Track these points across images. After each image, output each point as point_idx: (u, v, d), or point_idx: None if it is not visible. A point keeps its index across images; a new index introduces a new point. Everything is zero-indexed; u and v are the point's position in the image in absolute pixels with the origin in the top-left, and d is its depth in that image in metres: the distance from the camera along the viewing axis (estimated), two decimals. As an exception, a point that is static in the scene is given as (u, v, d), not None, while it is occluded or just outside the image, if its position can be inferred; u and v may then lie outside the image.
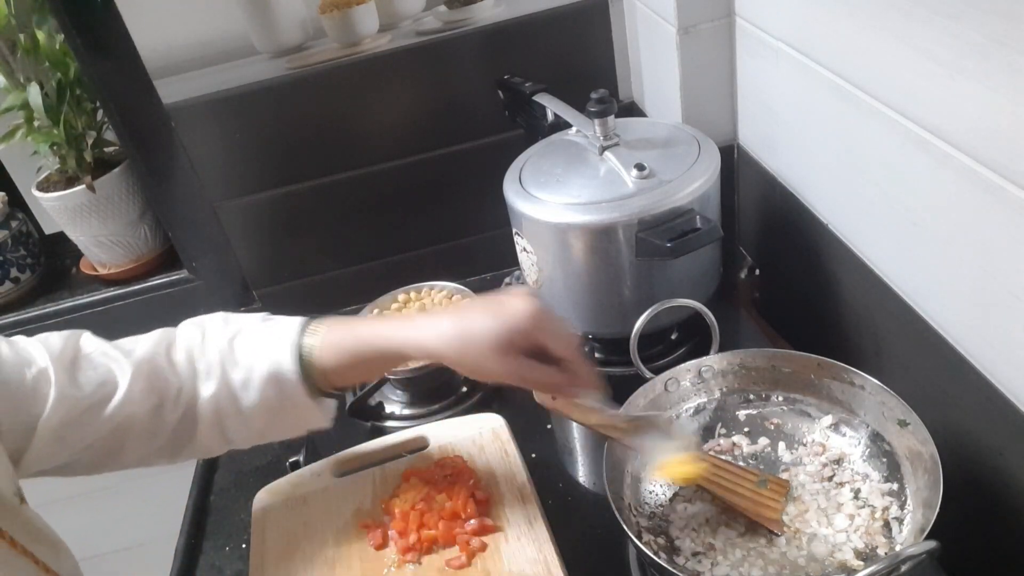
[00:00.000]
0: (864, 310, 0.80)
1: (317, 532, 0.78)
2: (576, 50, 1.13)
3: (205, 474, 0.98)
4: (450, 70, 1.11)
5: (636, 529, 0.68)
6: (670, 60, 0.96)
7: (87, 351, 0.65)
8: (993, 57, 0.52)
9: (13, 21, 1.08)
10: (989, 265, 0.58)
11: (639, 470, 0.76)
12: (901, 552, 0.56)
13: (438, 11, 1.07)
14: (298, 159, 1.14)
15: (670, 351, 0.95)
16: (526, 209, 0.88)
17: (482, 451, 0.83)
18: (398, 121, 1.14)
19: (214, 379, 0.67)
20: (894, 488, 0.69)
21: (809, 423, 0.77)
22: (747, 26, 0.89)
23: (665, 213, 0.82)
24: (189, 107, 1.06)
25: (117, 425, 0.64)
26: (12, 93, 1.12)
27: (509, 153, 0.97)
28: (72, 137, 1.16)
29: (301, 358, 0.66)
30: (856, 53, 0.69)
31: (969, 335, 0.63)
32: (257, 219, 1.18)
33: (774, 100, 0.87)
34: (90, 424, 0.63)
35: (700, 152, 0.87)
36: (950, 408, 0.67)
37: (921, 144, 0.62)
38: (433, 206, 1.21)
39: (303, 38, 1.05)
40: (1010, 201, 0.54)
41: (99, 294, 1.24)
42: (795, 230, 0.89)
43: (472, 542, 0.73)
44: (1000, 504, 0.64)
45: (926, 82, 0.59)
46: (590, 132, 0.90)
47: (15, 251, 1.26)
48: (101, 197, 1.17)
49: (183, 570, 0.86)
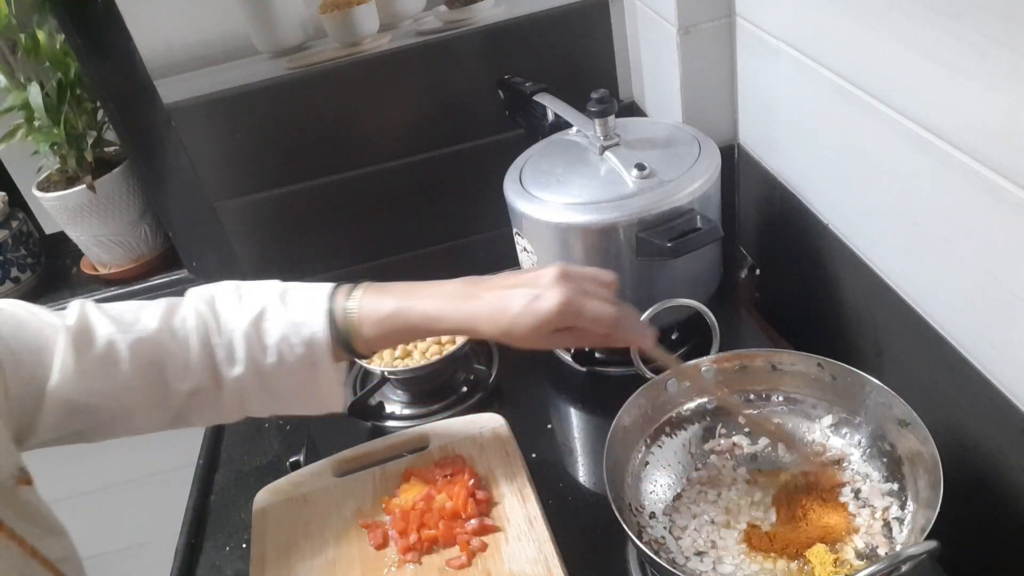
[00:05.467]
0: (864, 310, 0.80)
1: (317, 532, 0.78)
2: (576, 50, 1.13)
3: (205, 474, 0.98)
4: (450, 70, 1.11)
5: (636, 529, 0.68)
6: (670, 60, 0.96)
7: (92, 321, 0.65)
8: (993, 57, 0.52)
9: (14, 21, 1.08)
10: (990, 265, 0.58)
11: (639, 469, 0.76)
12: (901, 552, 0.56)
13: (438, 11, 1.07)
14: (298, 159, 1.14)
15: (670, 351, 0.94)
16: (526, 209, 0.88)
17: (482, 451, 0.83)
18: (398, 121, 1.14)
19: (240, 363, 0.67)
20: (894, 488, 0.69)
21: (809, 423, 0.77)
22: (747, 26, 0.89)
23: (665, 213, 0.82)
24: (189, 107, 1.06)
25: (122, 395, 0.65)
26: (12, 93, 1.12)
27: (509, 153, 0.97)
28: (72, 137, 1.16)
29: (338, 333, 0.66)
30: (856, 53, 0.69)
31: (969, 335, 0.63)
32: (257, 219, 1.18)
33: (774, 100, 0.87)
34: (96, 393, 0.64)
35: (700, 152, 0.87)
36: (950, 408, 0.67)
37: (922, 144, 0.62)
38: (433, 206, 1.21)
39: (303, 38, 1.05)
40: (1010, 201, 0.54)
41: (99, 294, 1.25)
42: (795, 230, 0.89)
43: (472, 542, 0.73)
44: (1000, 504, 0.64)
45: (926, 82, 0.59)
46: (590, 132, 0.90)
47: (15, 251, 1.26)
48: (101, 197, 1.17)
49: (183, 570, 0.86)
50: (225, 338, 0.67)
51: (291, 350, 0.66)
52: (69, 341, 0.63)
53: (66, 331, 0.63)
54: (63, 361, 0.62)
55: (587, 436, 0.91)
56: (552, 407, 0.97)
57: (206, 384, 0.67)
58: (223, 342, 0.67)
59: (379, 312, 0.67)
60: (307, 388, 0.69)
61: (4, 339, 0.61)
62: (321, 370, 0.68)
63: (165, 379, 0.66)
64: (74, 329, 0.64)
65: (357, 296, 0.68)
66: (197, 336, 0.67)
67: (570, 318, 0.63)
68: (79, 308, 0.66)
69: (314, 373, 0.68)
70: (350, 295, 0.68)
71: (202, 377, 0.67)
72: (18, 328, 0.62)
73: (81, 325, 0.64)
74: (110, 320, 0.66)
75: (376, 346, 0.69)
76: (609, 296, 0.66)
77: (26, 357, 0.61)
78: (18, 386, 0.60)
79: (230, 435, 1.04)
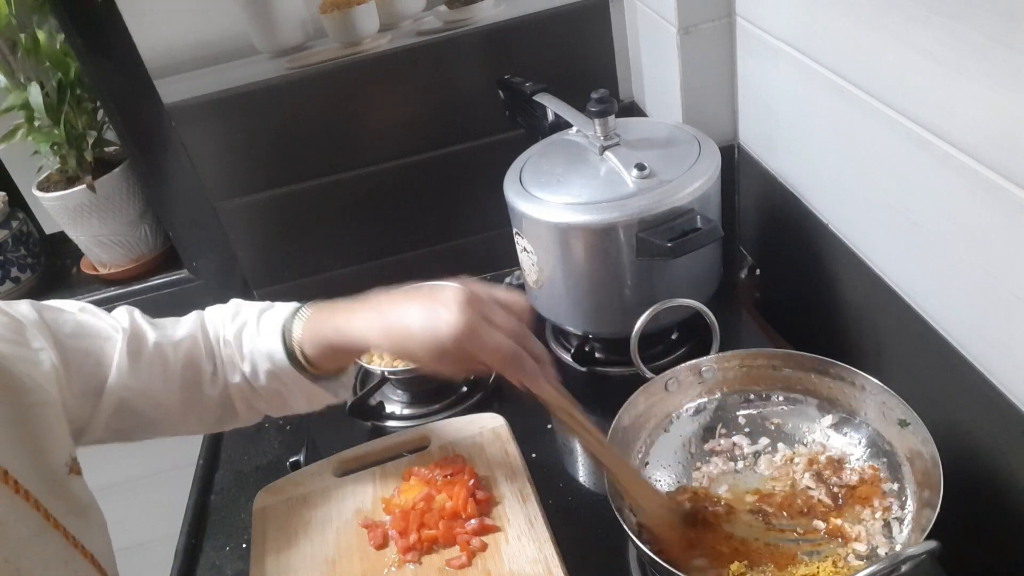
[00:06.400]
0: (864, 310, 0.80)
1: (317, 532, 0.78)
2: (576, 50, 1.13)
3: (205, 474, 0.99)
4: (450, 70, 1.11)
5: (636, 529, 0.68)
6: (670, 60, 0.96)
7: (142, 326, 0.70)
8: (993, 57, 0.52)
9: (14, 21, 1.08)
10: (989, 265, 0.58)
11: (639, 469, 0.76)
12: (901, 552, 0.56)
13: (438, 11, 1.07)
14: (298, 159, 1.14)
15: (670, 351, 0.95)
16: (526, 209, 0.88)
17: (482, 451, 0.83)
18: (398, 121, 1.14)
19: (236, 372, 0.72)
20: (894, 488, 0.69)
21: (809, 423, 0.77)
22: (747, 26, 0.89)
23: (665, 213, 0.82)
24: (189, 107, 1.06)
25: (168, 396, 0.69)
26: (13, 93, 1.12)
27: (509, 153, 0.97)
28: (72, 137, 1.16)
29: (290, 348, 0.69)
30: (856, 53, 0.69)
31: (969, 335, 0.63)
32: (257, 219, 1.18)
33: (774, 100, 0.87)
34: (146, 394, 0.68)
35: (700, 152, 0.87)
36: (950, 408, 0.67)
37: (921, 144, 0.62)
38: (433, 206, 1.21)
39: (303, 38, 1.05)
40: (1010, 201, 0.54)
41: (99, 294, 1.24)
42: (795, 230, 0.89)
43: (472, 542, 0.73)
44: (1000, 504, 0.64)
45: (926, 82, 0.59)
46: (590, 132, 0.90)
47: (15, 251, 1.26)
48: (101, 197, 1.17)
49: (183, 570, 0.86)
50: (227, 349, 0.72)
51: (262, 363, 0.71)
52: (125, 343, 0.67)
53: (123, 333, 0.67)
54: (119, 362, 0.66)
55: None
56: (552, 407, 0.97)
57: (225, 390, 0.72)
58: (227, 352, 0.72)
59: (314, 332, 0.69)
60: (287, 394, 0.72)
61: (67, 337, 0.64)
62: (289, 380, 0.71)
63: (201, 386, 0.71)
64: (129, 333, 0.68)
65: (304, 316, 0.70)
66: (216, 346, 0.72)
67: (466, 345, 0.60)
68: (129, 313, 0.70)
69: (285, 382, 0.71)
70: (297, 316, 0.71)
71: (222, 384, 0.72)
72: (79, 328, 0.66)
73: (134, 330, 0.68)
74: (153, 327, 0.71)
75: (322, 364, 0.70)
76: (514, 326, 0.63)
77: (86, 356, 0.65)
78: (79, 382, 0.64)
79: (230, 435, 1.04)
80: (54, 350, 0.62)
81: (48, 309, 0.65)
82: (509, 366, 0.63)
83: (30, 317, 0.62)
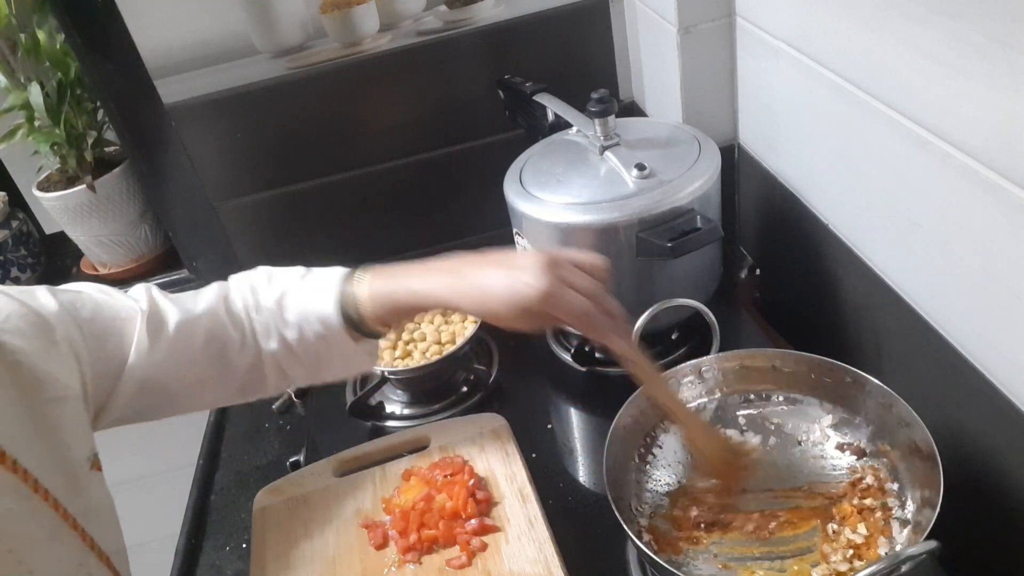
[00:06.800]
0: (864, 310, 0.80)
1: (317, 532, 0.78)
2: (576, 50, 1.13)
3: (205, 474, 0.99)
4: (450, 70, 1.11)
5: (636, 529, 0.68)
6: (670, 60, 0.96)
7: (161, 304, 0.70)
8: (993, 57, 0.52)
9: (14, 21, 1.08)
10: (989, 265, 0.58)
11: (640, 469, 0.76)
12: (901, 552, 0.56)
13: (438, 11, 1.07)
14: (298, 159, 1.14)
15: (670, 351, 0.95)
16: (526, 209, 0.88)
17: (482, 451, 0.83)
18: (398, 121, 1.14)
19: (273, 338, 0.72)
20: (894, 488, 0.69)
21: (809, 423, 0.77)
22: (747, 26, 0.89)
23: (665, 213, 0.82)
24: (189, 107, 1.06)
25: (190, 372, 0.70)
26: (13, 93, 1.12)
27: (509, 153, 0.97)
28: (72, 137, 1.16)
29: (346, 310, 0.70)
30: (856, 53, 0.69)
31: (969, 335, 0.63)
32: (257, 219, 1.18)
33: (774, 100, 0.87)
34: (167, 372, 0.68)
35: (700, 152, 0.87)
36: (950, 408, 0.67)
37: (921, 144, 0.62)
38: (433, 206, 1.21)
39: (303, 38, 1.05)
40: (1010, 201, 0.54)
41: (99, 294, 1.24)
42: (795, 230, 0.89)
43: (472, 542, 0.73)
44: (1000, 504, 0.64)
45: (926, 82, 0.59)
46: (590, 132, 0.90)
47: (15, 251, 1.26)
48: (101, 197, 1.17)
49: (183, 570, 0.86)
50: (262, 316, 0.72)
51: (309, 327, 0.71)
52: (144, 323, 0.67)
53: (142, 313, 0.67)
54: (139, 341, 0.66)
55: (587, 436, 0.91)
56: (552, 407, 0.97)
57: (256, 358, 0.72)
58: (261, 319, 0.72)
59: (380, 294, 0.70)
60: (329, 358, 0.73)
61: (86, 321, 0.64)
62: (335, 342, 0.72)
63: (227, 357, 0.71)
64: (148, 312, 0.68)
65: (363, 278, 0.72)
66: (245, 315, 0.72)
67: (549, 308, 0.64)
68: (147, 292, 0.70)
69: (330, 344, 0.72)
70: (356, 278, 0.72)
71: (253, 352, 0.72)
72: (97, 310, 0.66)
73: (153, 308, 0.68)
74: (172, 303, 0.70)
75: (381, 323, 0.72)
76: (593, 287, 0.66)
77: (106, 338, 0.65)
78: (99, 364, 0.64)
79: (230, 435, 1.04)
80: (74, 337, 0.62)
81: (65, 292, 0.65)
82: (586, 325, 0.66)
83: (49, 307, 0.61)
